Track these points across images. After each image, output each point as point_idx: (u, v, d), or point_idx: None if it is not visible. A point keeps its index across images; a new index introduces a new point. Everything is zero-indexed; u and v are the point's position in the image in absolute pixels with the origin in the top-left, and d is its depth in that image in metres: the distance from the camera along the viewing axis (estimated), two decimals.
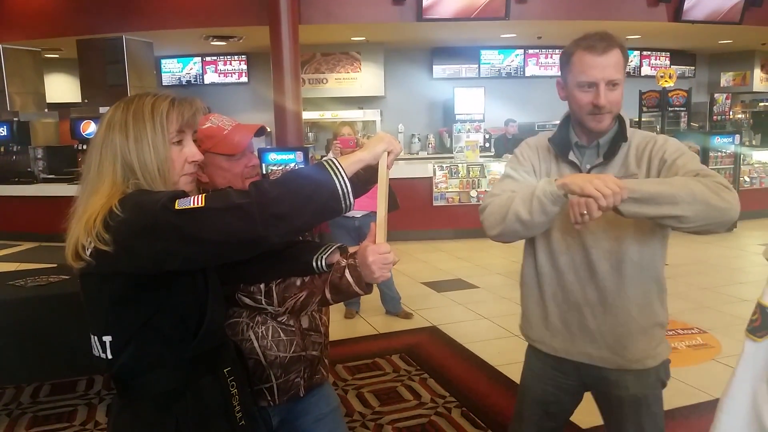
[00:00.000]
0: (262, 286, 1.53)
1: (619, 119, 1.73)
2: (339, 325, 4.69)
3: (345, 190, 1.23)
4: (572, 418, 2.00)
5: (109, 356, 1.29)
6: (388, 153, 1.38)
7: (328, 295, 1.50)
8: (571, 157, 1.75)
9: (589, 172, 1.70)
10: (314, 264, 1.51)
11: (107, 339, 1.28)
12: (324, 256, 1.52)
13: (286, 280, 1.53)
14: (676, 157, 1.62)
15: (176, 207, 1.16)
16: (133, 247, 1.18)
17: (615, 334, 1.72)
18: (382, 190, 1.39)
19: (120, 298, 1.26)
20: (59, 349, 3.08)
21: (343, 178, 1.23)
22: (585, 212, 1.43)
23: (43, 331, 3.09)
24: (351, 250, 1.55)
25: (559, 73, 1.77)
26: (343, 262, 1.48)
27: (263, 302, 1.54)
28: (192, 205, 1.16)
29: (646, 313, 1.73)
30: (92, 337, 1.31)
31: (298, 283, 1.52)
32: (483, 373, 3.78)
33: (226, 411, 1.39)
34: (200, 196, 1.18)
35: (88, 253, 1.20)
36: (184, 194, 1.21)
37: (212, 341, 1.38)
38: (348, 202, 1.24)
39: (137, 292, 1.25)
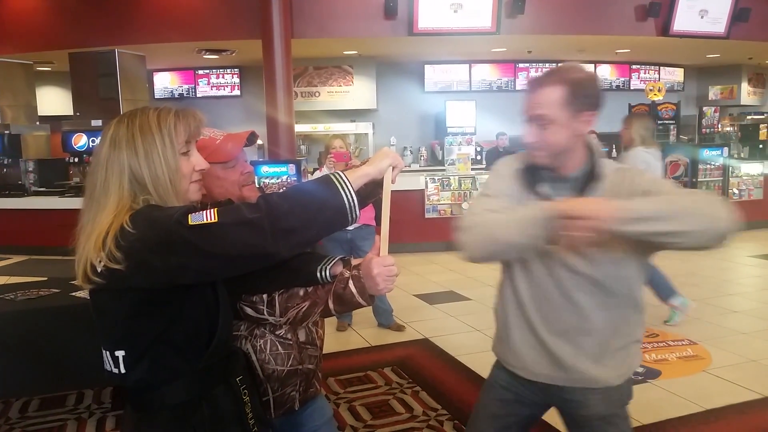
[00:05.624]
0: (264, 296, 1.52)
1: (591, 153, 1.68)
2: (331, 338, 4.66)
3: (351, 204, 1.27)
4: (545, 417, 1.97)
5: (123, 371, 1.29)
6: (393, 168, 1.42)
7: (331, 306, 1.50)
8: (543, 189, 1.70)
9: None
10: (318, 274, 1.52)
11: (120, 354, 1.28)
12: (328, 267, 1.53)
13: (289, 290, 1.53)
14: (659, 186, 1.61)
15: (190, 222, 1.17)
16: (148, 262, 1.19)
17: (592, 356, 1.70)
18: (386, 204, 1.43)
19: (133, 312, 1.26)
20: (49, 364, 3.06)
21: (350, 191, 1.27)
22: (586, 234, 1.41)
23: (33, 345, 3.05)
24: (354, 262, 1.56)
25: None
26: (347, 273, 1.48)
27: (265, 312, 1.53)
28: (205, 220, 1.18)
29: (623, 333, 1.72)
30: (104, 352, 1.32)
31: (302, 293, 1.52)
32: (475, 385, 3.74)
33: (240, 418, 1.41)
34: (212, 210, 1.19)
35: (99, 271, 1.21)
36: (195, 209, 1.22)
37: (223, 351, 1.40)
38: (354, 215, 1.28)
39: (150, 307, 1.26)
